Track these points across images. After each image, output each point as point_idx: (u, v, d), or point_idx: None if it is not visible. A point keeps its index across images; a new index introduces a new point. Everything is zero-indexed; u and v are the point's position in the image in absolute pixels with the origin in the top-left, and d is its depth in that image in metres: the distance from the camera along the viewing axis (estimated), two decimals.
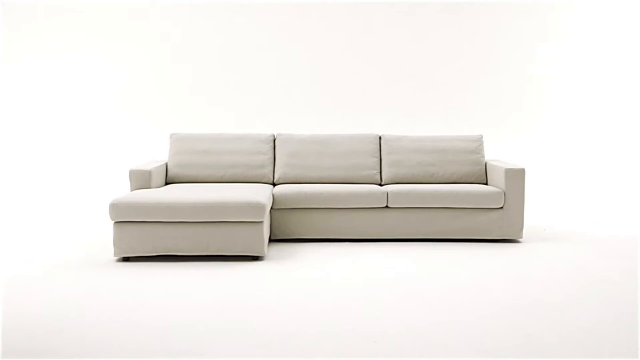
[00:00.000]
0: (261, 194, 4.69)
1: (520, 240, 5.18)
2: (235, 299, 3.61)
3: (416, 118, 7.84)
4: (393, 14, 7.96)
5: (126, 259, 4.48)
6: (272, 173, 5.57)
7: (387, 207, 5.13)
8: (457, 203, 5.10)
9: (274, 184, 5.51)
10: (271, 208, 5.04)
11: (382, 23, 7.98)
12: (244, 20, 7.98)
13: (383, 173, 5.57)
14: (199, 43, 8.04)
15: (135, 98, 8.03)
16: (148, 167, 5.09)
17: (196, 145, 5.59)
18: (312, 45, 8.04)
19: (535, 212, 6.15)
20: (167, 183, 5.48)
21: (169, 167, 5.51)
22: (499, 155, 6.29)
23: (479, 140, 5.69)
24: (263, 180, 5.52)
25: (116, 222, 4.44)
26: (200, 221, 4.43)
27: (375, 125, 6.77)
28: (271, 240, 5.10)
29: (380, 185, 5.51)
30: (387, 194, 5.13)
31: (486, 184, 5.52)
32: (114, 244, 4.44)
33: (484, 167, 5.57)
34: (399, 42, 8.01)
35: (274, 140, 5.71)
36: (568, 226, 5.80)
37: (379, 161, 5.62)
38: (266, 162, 5.57)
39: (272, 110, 7.56)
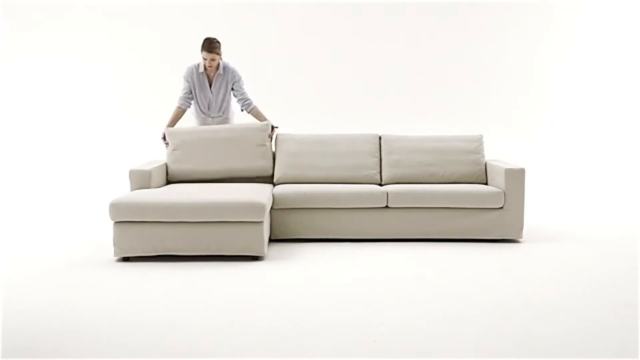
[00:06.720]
0: (261, 194, 4.69)
1: (520, 240, 5.18)
2: (235, 299, 3.61)
3: (416, 118, 7.84)
4: (393, 14, 7.96)
5: (126, 259, 4.48)
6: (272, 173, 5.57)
7: (387, 207, 5.13)
8: (457, 203, 5.10)
9: (274, 184, 5.51)
10: (271, 208, 5.04)
11: (383, 23, 7.98)
12: (243, 20, 7.98)
13: (383, 173, 5.57)
14: (199, 43, 8.05)
15: (135, 98, 8.03)
16: (148, 167, 5.09)
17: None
18: (312, 45, 8.05)
19: (536, 212, 6.15)
20: (167, 183, 5.48)
21: (168, 166, 5.51)
22: (499, 155, 6.28)
23: (479, 140, 5.68)
24: (263, 181, 5.52)
25: (116, 222, 4.44)
26: (200, 221, 4.43)
27: (375, 125, 6.77)
28: (271, 240, 5.10)
29: (380, 185, 5.51)
30: (387, 194, 5.13)
31: (486, 184, 5.51)
32: (114, 244, 4.44)
33: (484, 167, 5.56)
34: (399, 43, 8.01)
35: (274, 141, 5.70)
36: (568, 226, 5.80)
37: (379, 161, 5.61)
38: None
39: (273, 110, 7.57)
